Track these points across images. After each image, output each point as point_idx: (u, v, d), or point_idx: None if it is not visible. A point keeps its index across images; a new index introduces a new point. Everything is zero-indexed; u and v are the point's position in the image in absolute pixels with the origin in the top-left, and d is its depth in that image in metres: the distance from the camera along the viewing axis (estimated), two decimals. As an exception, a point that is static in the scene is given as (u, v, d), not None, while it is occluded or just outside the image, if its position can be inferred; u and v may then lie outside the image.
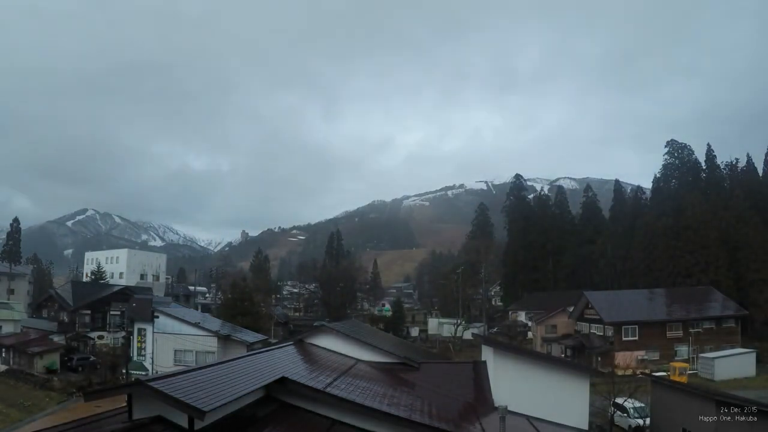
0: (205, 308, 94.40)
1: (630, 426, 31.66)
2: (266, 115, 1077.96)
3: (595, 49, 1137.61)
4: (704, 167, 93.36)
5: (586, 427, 21.15)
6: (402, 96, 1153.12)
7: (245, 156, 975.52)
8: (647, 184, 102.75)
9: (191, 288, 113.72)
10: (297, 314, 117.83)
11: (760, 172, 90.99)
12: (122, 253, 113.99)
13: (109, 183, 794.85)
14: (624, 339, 55.26)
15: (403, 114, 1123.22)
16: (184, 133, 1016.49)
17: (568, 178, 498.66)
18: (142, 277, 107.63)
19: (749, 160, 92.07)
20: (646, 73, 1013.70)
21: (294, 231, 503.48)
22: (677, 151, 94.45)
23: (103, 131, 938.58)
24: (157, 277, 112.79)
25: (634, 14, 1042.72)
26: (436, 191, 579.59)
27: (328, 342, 25.05)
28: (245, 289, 71.86)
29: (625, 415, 31.80)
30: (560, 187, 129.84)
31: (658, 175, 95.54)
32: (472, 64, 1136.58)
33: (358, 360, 23.48)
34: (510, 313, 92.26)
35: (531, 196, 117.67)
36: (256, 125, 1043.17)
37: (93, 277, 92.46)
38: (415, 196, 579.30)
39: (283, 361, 17.54)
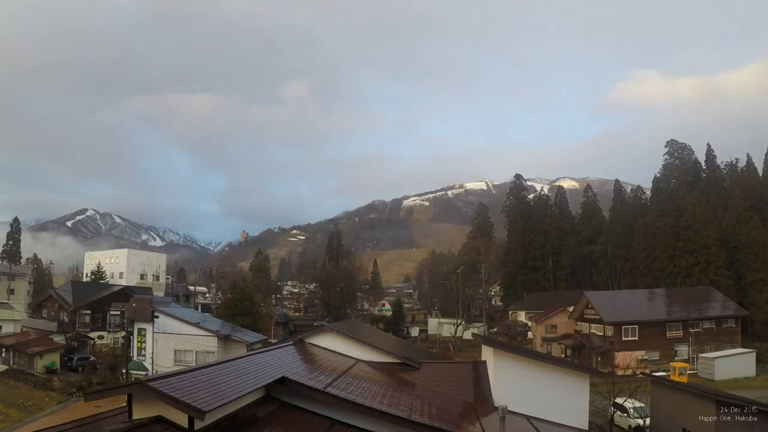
0: (205, 308, 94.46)
1: (630, 426, 31.65)
2: (266, 115, 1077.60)
3: (595, 49, 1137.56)
4: (704, 167, 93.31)
5: (586, 427, 21.16)
6: (402, 96, 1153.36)
7: (246, 156, 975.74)
8: (647, 184, 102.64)
9: (191, 288, 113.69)
10: (297, 314, 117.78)
11: (760, 172, 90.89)
12: (122, 253, 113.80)
13: (110, 183, 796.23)
14: (624, 339, 55.26)
15: (404, 114, 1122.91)
16: (185, 132, 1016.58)
17: (568, 178, 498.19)
18: (142, 277, 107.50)
19: (749, 160, 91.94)
20: (646, 71, 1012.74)
21: (294, 231, 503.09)
22: (677, 151, 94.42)
23: (103, 131, 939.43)
24: (157, 277, 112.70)
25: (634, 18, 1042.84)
26: (436, 191, 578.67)
27: (328, 342, 25.06)
28: (245, 289, 71.87)
29: (625, 415, 31.80)
30: (560, 187, 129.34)
31: (658, 175, 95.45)
32: (473, 63, 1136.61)
33: (358, 360, 23.48)
34: (510, 313, 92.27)
35: (531, 196, 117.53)
36: (256, 125, 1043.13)
37: (93, 277, 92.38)
38: (415, 196, 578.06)
39: (283, 361, 17.54)
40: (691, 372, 49.15)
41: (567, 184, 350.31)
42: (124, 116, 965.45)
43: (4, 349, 57.18)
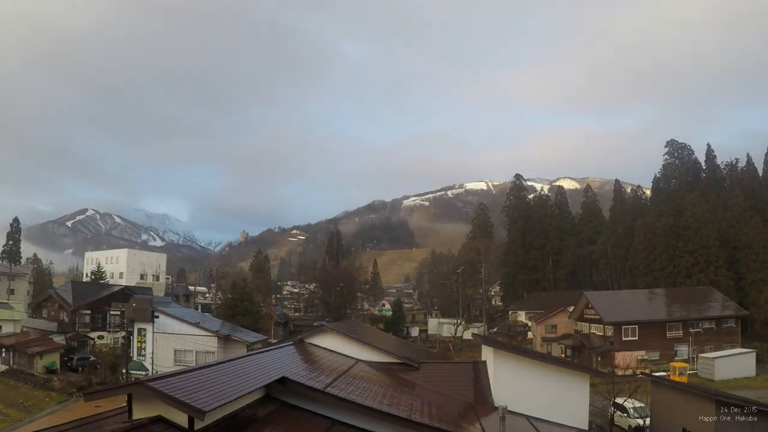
0: (205, 308, 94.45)
1: (630, 426, 31.66)
2: (267, 116, 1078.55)
3: (595, 48, 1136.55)
4: (704, 167, 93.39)
5: (586, 427, 21.15)
6: (402, 95, 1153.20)
7: (245, 156, 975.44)
8: (647, 184, 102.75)
9: (191, 288, 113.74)
10: (297, 314, 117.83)
11: (760, 172, 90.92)
12: (122, 253, 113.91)
13: (110, 183, 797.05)
14: (624, 339, 55.30)
15: (404, 114, 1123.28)
16: (185, 133, 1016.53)
17: (568, 178, 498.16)
18: (142, 277, 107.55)
19: (749, 160, 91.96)
20: (645, 71, 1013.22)
21: (294, 231, 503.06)
22: (677, 151, 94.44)
23: (104, 132, 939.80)
24: (157, 277, 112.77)
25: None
26: (436, 191, 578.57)
27: (328, 342, 25.04)
28: (245, 289, 71.87)
29: (625, 415, 31.81)
30: (560, 187, 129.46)
31: (658, 175, 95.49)
32: (474, 63, 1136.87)
33: (358, 360, 23.47)
34: (510, 313, 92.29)
35: (531, 196, 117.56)
36: (257, 125, 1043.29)
37: (93, 277, 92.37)
38: (415, 196, 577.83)
39: (283, 361, 17.54)
40: (691, 372, 49.17)
41: (567, 184, 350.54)
42: (124, 117, 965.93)
43: (4, 349, 57.19)
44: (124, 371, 45.66)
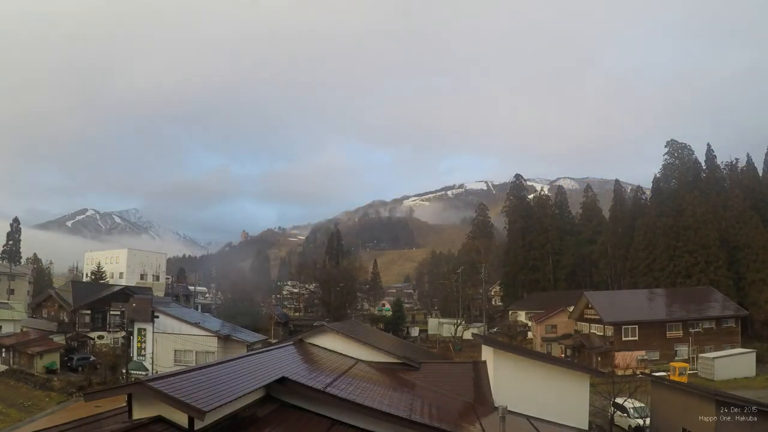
0: (205, 308, 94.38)
1: (630, 426, 31.66)
2: (268, 116, 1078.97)
3: (594, 49, 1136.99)
4: (704, 167, 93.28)
5: (586, 427, 21.16)
6: (401, 95, 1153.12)
7: (246, 156, 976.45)
8: (647, 184, 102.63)
9: (191, 288, 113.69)
10: (297, 314, 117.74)
11: (760, 172, 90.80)
12: (122, 253, 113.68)
13: (110, 183, 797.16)
14: (624, 339, 55.28)
15: (403, 114, 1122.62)
16: (185, 134, 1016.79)
17: (568, 178, 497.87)
18: (142, 277, 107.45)
19: (749, 160, 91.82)
20: (645, 72, 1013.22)
21: (294, 231, 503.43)
22: (677, 151, 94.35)
23: (105, 133, 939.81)
24: (157, 277, 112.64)
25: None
26: (436, 191, 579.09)
27: (328, 342, 25.05)
28: (245, 289, 71.92)
29: (625, 415, 31.80)
30: (560, 187, 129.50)
31: (658, 175, 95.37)
32: (474, 63, 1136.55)
33: (358, 360, 23.48)
34: (510, 313, 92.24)
35: (531, 196, 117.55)
36: (258, 127, 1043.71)
37: (93, 277, 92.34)
38: (415, 196, 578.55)
39: (283, 361, 17.54)
40: (691, 372, 49.12)
41: (567, 184, 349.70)
42: (125, 118, 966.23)
43: (4, 349, 57.20)
44: (124, 371, 45.67)
